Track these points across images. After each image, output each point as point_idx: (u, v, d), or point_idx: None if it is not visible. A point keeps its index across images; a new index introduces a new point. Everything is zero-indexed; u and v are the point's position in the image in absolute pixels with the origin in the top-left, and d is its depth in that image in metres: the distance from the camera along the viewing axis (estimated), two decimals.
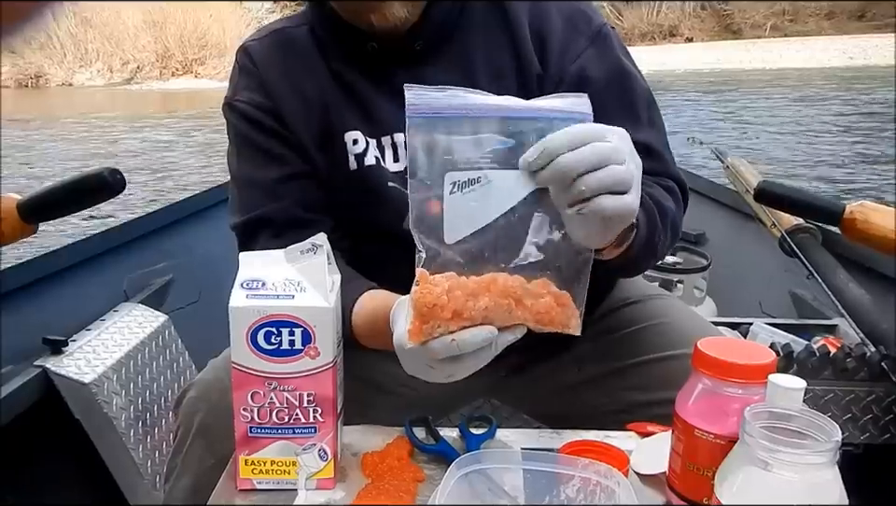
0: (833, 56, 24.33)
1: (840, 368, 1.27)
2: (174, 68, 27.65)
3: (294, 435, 0.73)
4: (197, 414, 0.89)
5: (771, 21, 33.35)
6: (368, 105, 0.95)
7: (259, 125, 0.96)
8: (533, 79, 0.94)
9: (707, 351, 0.69)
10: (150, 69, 27.62)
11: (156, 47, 27.62)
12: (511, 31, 0.95)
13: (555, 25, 0.94)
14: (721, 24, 33.81)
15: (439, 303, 0.64)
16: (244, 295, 0.71)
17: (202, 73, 27.25)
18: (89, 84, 26.70)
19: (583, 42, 0.94)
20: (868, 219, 1.16)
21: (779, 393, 0.63)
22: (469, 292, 0.64)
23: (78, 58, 27.64)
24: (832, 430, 0.58)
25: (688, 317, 1.04)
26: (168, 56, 27.58)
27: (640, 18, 32.43)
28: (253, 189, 0.96)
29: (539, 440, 0.86)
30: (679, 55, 25.74)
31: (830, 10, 33.39)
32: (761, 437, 0.58)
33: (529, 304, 0.66)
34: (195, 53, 27.65)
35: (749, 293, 2.01)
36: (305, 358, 0.71)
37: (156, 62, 27.75)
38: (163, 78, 27.05)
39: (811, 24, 32.51)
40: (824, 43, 28.08)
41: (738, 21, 33.57)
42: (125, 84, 26.48)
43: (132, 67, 27.66)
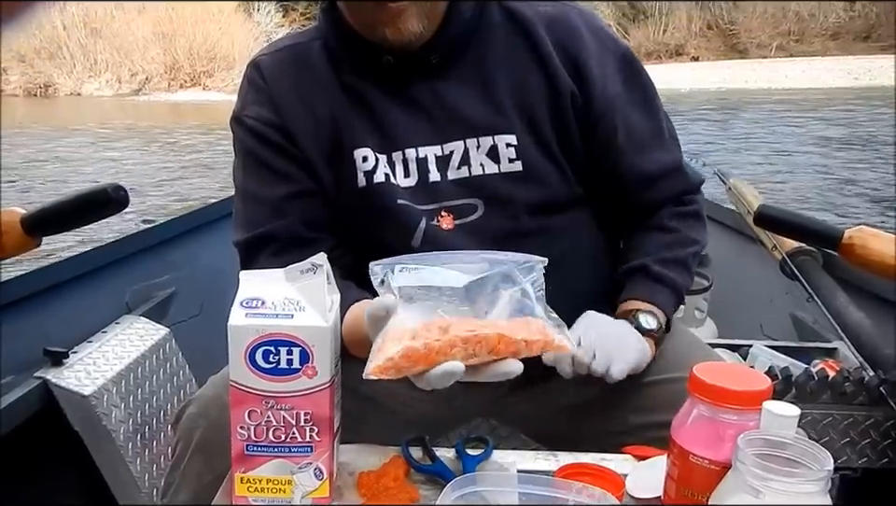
0: (838, 76, 24.40)
1: (839, 392, 1.27)
2: (182, 80, 27.82)
3: (290, 454, 0.73)
4: (196, 429, 0.90)
5: (777, 41, 33.46)
6: (380, 119, 0.96)
7: (266, 141, 0.97)
8: (565, 97, 0.96)
9: (703, 377, 0.69)
10: (159, 80, 27.80)
11: (165, 58, 27.80)
12: (534, 48, 0.96)
13: (586, 41, 0.97)
14: (727, 44, 33.93)
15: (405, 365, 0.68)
16: (243, 314, 0.72)
17: (210, 85, 27.40)
18: (97, 94, 26.85)
19: (614, 66, 0.98)
20: (866, 245, 1.17)
21: (773, 420, 0.63)
22: (437, 350, 0.68)
23: (87, 68, 27.83)
24: (824, 459, 0.58)
25: (686, 341, 1.04)
26: (177, 68, 27.76)
27: (646, 36, 32.55)
28: (257, 206, 0.97)
29: (535, 462, 0.86)
30: (684, 74, 25.82)
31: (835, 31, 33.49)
32: (753, 465, 0.58)
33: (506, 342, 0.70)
34: (204, 65, 27.84)
35: (751, 315, 2.01)
36: (303, 378, 0.71)
37: (164, 73, 27.92)
38: (171, 90, 27.22)
39: (817, 45, 32.61)
40: (830, 63, 28.15)
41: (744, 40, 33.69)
42: (133, 95, 26.63)
43: (140, 78, 27.84)
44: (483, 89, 0.95)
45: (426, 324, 0.70)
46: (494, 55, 0.96)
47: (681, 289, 1.02)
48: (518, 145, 0.94)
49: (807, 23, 33.48)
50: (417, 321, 0.70)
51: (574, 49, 0.96)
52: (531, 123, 0.95)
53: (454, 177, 0.95)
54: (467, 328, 0.69)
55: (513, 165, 0.95)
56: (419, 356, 0.68)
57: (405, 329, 0.69)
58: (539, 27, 0.96)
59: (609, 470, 0.80)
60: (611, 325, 0.94)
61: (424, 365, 0.68)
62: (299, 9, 33.90)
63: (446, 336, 0.68)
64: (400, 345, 0.68)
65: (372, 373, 0.68)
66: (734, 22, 34.03)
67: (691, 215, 1.05)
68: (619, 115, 0.98)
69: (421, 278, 0.73)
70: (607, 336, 0.90)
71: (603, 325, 0.93)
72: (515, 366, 0.70)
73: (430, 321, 0.70)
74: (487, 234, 0.94)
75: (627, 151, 1.00)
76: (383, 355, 0.68)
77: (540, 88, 0.95)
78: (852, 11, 33.22)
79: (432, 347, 0.68)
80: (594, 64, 0.96)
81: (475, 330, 0.69)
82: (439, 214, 0.95)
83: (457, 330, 0.69)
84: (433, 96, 0.96)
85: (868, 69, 24.97)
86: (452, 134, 0.95)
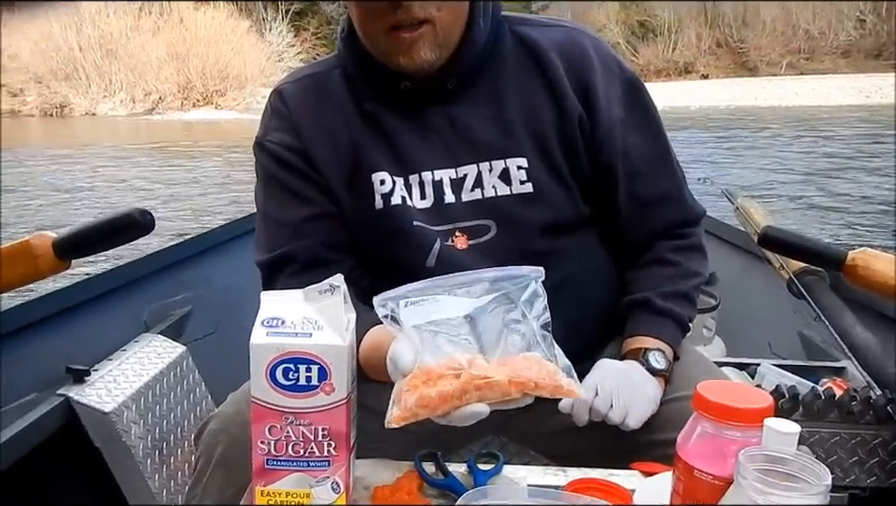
0: (848, 94, 24.36)
1: (846, 411, 1.28)
2: (194, 99, 28.12)
3: (309, 468, 0.76)
4: (218, 445, 0.92)
5: (787, 58, 33.48)
6: (398, 143, 0.99)
7: (287, 166, 1.00)
8: (573, 120, 0.99)
9: (707, 395, 0.71)
10: (172, 100, 28.11)
11: (178, 78, 28.15)
12: (545, 72, 0.99)
13: (594, 66, 1.00)
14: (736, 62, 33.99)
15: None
16: (264, 333, 0.75)
17: (222, 104, 27.66)
18: (112, 114, 27.17)
19: (619, 90, 1.01)
20: (869, 266, 1.18)
21: (774, 436, 0.65)
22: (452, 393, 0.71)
23: (102, 88, 28.20)
24: (823, 474, 0.61)
25: (693, 360, 1.06)
26: (189, 87, 28.08)
27: (656, 54, 32.69)
28: (279, 228, 1.00)
29: (544, 477, 0.88)
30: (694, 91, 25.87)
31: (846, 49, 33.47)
32: (754, 479, 0.60)
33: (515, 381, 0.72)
34: (216, 85, 28.13)
35: (759, 334, 2.02)
36: (321, 394, 0.74)
37: (177, 93, 28.25)
38: (184, 109, 27.49)
39: (827, 62, 32.60)
40: (840, 81, 28.10)
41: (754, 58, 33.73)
42: (147, 114, 26.91)
43: (154, 98, 28.18)
44: (495, 113, 0.99)
45: (439, 366, 0.73)
46: (506, 81, 1.00)
47: (686, 322, 1.05)
48: (529, 167, 0.97)
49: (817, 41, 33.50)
50: (429, 363, 0.73)
51: (584, 73, 0.99)
52: (541, 146, 0.98)
53: (467, 199, 0.98)
54: (479, 373, 0.72)
55: (524, 187, 0.98)
56: (435, 403, 0.71)
57: (420, 371, 0.73)
58: (551, 53, 0.99)
59: (617, 485, 0.82)
60: (626, 374, 0.97)
61: (442, 409, 0.71)
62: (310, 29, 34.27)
63: (459, 382, 0.71)
64: (416, 394, 0.71)
65: (394, 422, 0.72)
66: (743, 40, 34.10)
67: (690, 247, 1.08)
68: (620, 140, 1.01)
69: (427, 312, 0.76)
70: (623, 386, 0.94)
71: (619, 375, 0.96)
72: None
73: (443, 363, 0.73)
74: (500, 254, 0.96)
75: (626, 176, 1.03)
76: (403, 404, 0.72)
77: (550, 112, 0.98)
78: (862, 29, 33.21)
79: (447, 394, 0.71)
80: (601, 89, 0.99)
81: (487, 375, 0.72)
82: (453, 234, 0.98)
83: (470, 375, 0.72)
84: (448, 121, 0.99)
85: (879, 87, 24.91)
86: (465, 158, 0.99)
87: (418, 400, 0.70)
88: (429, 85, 0.97)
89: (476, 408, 0.72)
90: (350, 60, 1.02)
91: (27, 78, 27.00)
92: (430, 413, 0.71)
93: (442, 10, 0.92)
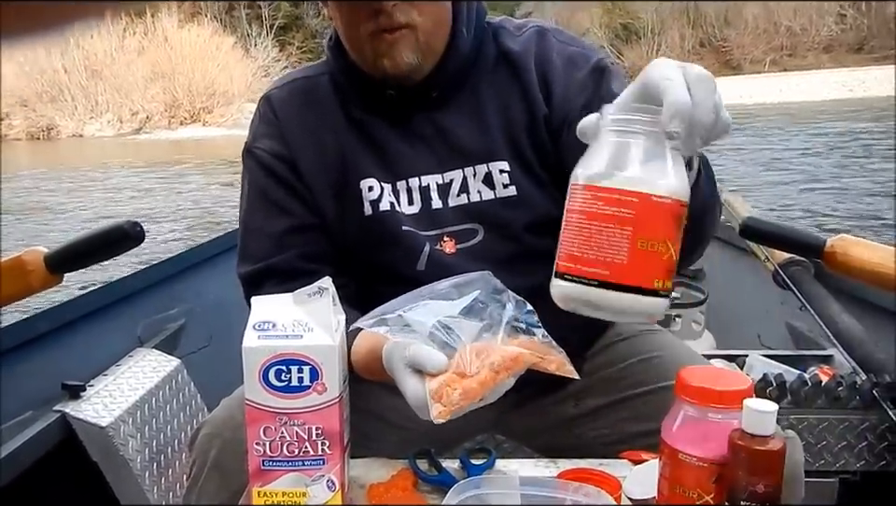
0: (832, 89, 24.59)
1: (833, 397, 1.31)
2: (182, 117, 28.13)
3: (304, 467, 0.78)
4: (211, 449, 0.94)
5: (770, 56, 33.76)
6: (385, 150, 1.01)
7: (274, 175, 1.02)
8: (541, 122, 1.00)
9: (689, 380, 0.73)
10: (159, 119, 28.12)
11: (164, 97, 28.16)
12: (519, 78, 1.01)
13: (557, 66, 1.01)
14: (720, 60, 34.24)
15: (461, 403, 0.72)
16: (256, 336, 0.76)
17: (209, 121, 27.68)
18: (99, 134, 27.14)
19: (582, 77, 1.00)
20: (847, 252, 1.21)
21: (753, 415, 0.67)
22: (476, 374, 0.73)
23: (89, 109, 28.19)
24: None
25: (679, 351, 1.08)
26: (176, 105, 28.09)
27: (640, 56, 32.85)
28: (261, 239, 1.02)
29: (535, 468, 0.90)
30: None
31: (828, 44, 33.79)
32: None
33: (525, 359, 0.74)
34: (203, 102, 28.15)
35: (748, 326, 2.05)
36: (313, 394, 0.76)
37: (164, 111, 28.27)
38: (171, 127, 27.50)
39: (810, 58, 32.90)
40: (823, 76, 28.36)
41: (737, 56, 34.00)
42: (134, 134, 26.90)
43: (141, 117, 28.18)
44: (477, 120, 1.01)
45: (461, 354, 0.74)
46: (486, 88, 1.02)
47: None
48: (510, 171, 0.99)
49: (800, 38, 33.80)
50: (448, 356, 0.74)
51: (547, 73, 1.00)
52: (518, 151, 1.00)
53: (454, 204, 1.00)
54: (501, 355, 0.74)
55: (508, 190, 1.00)
56: (476, 392, 0.72)
57: (455, 367, 0.74)
58: (524, 59, 1.01)
59: (607, 473, 0.84)
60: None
61: (481, 394, 0.73)
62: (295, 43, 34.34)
63: (490, 369, 0.73)
64: (458, 389, 0.72)
65: (441, 417, 0.72)
66: (726, 39, 34.37)
67: None
68: (575, 117, 1.00)
69: (430, 313, 0.77)
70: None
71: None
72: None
73: (464, 350, 0.74)
74: (488, 257, 0.98)
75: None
76: (448, 399, 0.72)
77: (523, 116, 1.00)
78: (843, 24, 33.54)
79: (484, 381, 0.73)
80: (559, 85, 0.99)
81: (511, 353, 0.74)
82: (441, 239, 1.00)
83: (500, 356, 0.74)
84: (434, 128, 1.01)
85: (862, 80, 25.15)
86: (451, 164, 1.00)
87: (462, 394, 0.72)
88: (414, 93, 0.99)
89: (505, 386, 0.74)
90: (337, 67, 1.04)
91: (13, 102, 26.95)
92: (471, 401, 0.73)
93: (424, 16, 0.94)
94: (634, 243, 0.64)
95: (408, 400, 0.75)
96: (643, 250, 0.64)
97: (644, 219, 0.64)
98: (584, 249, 0.66)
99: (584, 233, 0.66)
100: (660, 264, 0.65)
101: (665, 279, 0.66)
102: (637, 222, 0.64)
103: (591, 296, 0.66)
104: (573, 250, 0.67)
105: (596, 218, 0.65)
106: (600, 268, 0.65)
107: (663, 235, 0.65)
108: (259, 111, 1.06)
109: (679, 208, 0.65)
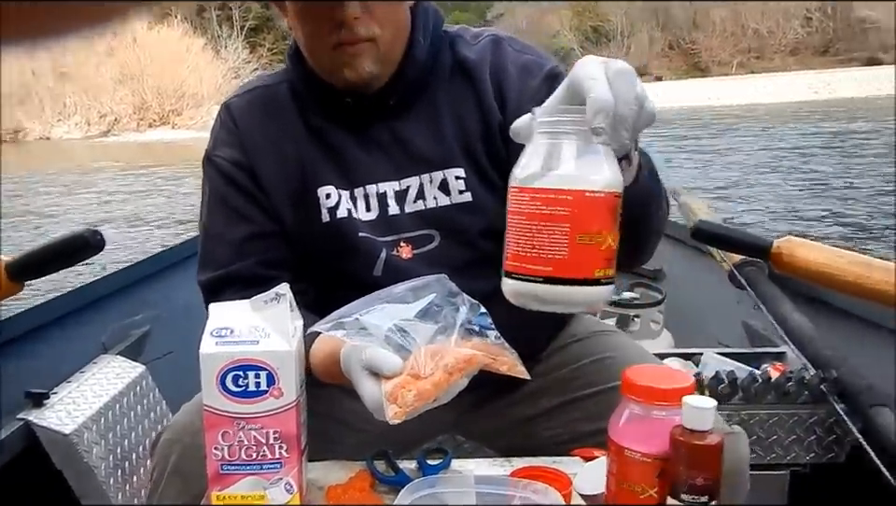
0: (799, 90, 25.05)
1: (782, 392, 1.35)
2: (150, 119, 27.79)
3: (262, 471, 0.79)
4: (172, 454, 0.95)
5: (737, 58, 34.29)
6: (343, 157, 1.02)
7: (233, 183, 1.03)
8: (496, 130, 1.02)
9: (634, 379, 0.77)
10: (128, 121, 27.75)
11: (133, 99, 27.80)
12: (474, 86, 1.03)
13: (511, 75, 1.03)
14: (689, 63, 34.71)
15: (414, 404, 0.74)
16: (213, 342, 0.78)
17: (178, 123, 27.38)
18: (67, 137, 26.71)
19: (536, 84, 1.02)
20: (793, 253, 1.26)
21: (692, 412, 0.71)
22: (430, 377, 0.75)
23: (57, 112, 27.74)
24: None
25: (630, 351, 1.11)
26: (145, 108, 27.75)
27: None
28: (221, 246, 1.03)
29: (491, 467, 0.92)
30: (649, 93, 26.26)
31: (794, 46, 34.40)
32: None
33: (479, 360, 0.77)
34: (172, 104, 27.84)
35: (706, 325, 2.10)
36: (270, 399, 0.78)
37: (133, 113, 27.90)
38: (140, 130, 27.15)
39: (777, 60, 33.47)
40: (790, 78, 28.86)
41: (706, 59, 34.48)
42: (102, 136, 26.51)
43: (109, 119, 27.79)
44: (433, 127, 1.03)
45: (415, 356, 0.76)
46: (443, 96, 1.04)
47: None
48: (466, 178, 1.02)
49: (766, 40, 34.38)
50: (403, 358, 0.76)
51: (502, 81, 1.03)
52: (473, 157, 1.02)
53: (411, 210, 1.02)
54: (455, 356, 0.76)
55: (463, 197, 1.02)
56: (430, 393, 0.74)
57: (409, 369, 0.76)
58: (480, 68, 1.04)
59: (559, 470, 0.87)
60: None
61: (435, 395, 0.75)
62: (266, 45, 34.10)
63: (444, 370, 0.75)
64: (413, 391, 0.74)
65: (396, 418, 0.74)
66: (694, 42, 34.83)
67: None
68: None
69: (387, 316, 0.79)
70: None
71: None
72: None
73: (422, 358, 0.76)
74: (444, 263, 1.00)
75: None
76: (402, 400, 0.74)
77: (477, 124, 1.02)
78: (809, 27, 34.18)
79: (439, 382, 0.75)
80: (513, 93, 1.02)
81: (465, 355, 0.76)
82: (398, 245, 1.02)
83: (454, 358, 0.76)
84: (391, 135, 1.03)
85: (828, 82, 25.65)
86: (408, 171, 1.03)
87: (416, 396, 0.74)
88: (372, 101, 1.01)
89: (459, 385, 0.76)
90: (296, 76, 1.05)
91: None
92: (426, 402, 0.74)
93: (385, 28, 0.96)
94: (573, 238, 0.67)
95: (365, 402, 0.77)
96: (582, 244, 0.68)
97: (580, 215, 0.67)
98: (528, 248, 0.69)
99: (526, 233, 0.69)
100: (599, 255, 0.69)
101: (605, 268, 0.69)
102: (573, 219, 0.67)
103: (538, 292, 0.69)
104: (518, 250, 0.70)
105: (536, 218, 0.68)
106: (544, 265, 0.68)
107: (599, 228, 0.68)
108: (220, 119, 1.07)
109: (613, 200, 0.69)
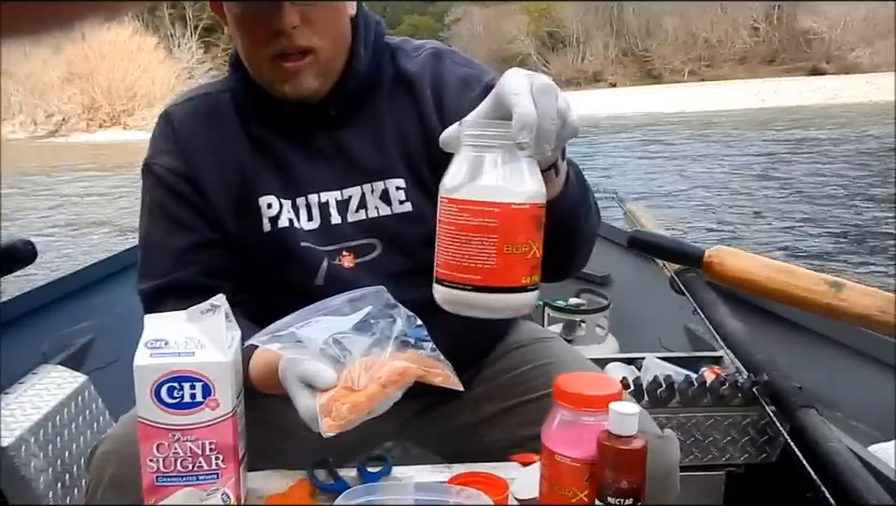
0: (747, 98, 25.75)
1: (717, 395, 1.40)
2: (101, 120, 27.13)
3: (198, 482, 0.79)
4: (108, 466, 0.94)
5: (689, 66, 35.08)
6: (285, 167, 1.03)
7: (172, 191, 1.02)
8: (435, 141, 1.04)
9: (564, 386, 0.79)
10: (77, 121, 27.04)
11: (82, 98, 27.11)
12: (414, 98, 1.05)
13: (451, 87, 1.05)
14: (642, 70, 35.39)
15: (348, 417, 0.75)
16: (147, 354, 0.78)
17: (130, 124, 26.79)
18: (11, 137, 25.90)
19: (475, 97, 1.03)
20: (723, 262, 1.31)
21: (617, 417, 0.73)
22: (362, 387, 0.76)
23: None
24: None
25: (568, 358, 1.14)
26: (95, 108, 27.07)
27: (566, 64, 33.62)
28: (161, 256, 1.03)
29: (431, 474, 0.94)
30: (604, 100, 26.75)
31: (743, 56, 35.36)
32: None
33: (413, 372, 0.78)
34: (123, 104, 27.23)
35: (650, 330, 2.15)
36: (206, 410, 0.78)
37: (82, 113, 27.20)
38: (90, 130, 26.47)
39: (726, 69, 34.35)
40: (738, 86, 29.65)
41: (659, 66, 35.19)
42: (49, 137, 25.78)
43: (57, 119, 27.05)
44: (374, 137, 1.04)
45: (349, 369, 0.77)
46: (384, 107, 1.05)
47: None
48: (406, 188, 1.03)
49: (716, 49, 35.27)
50: (346, 374, 0.78)
51: (441, 94, 1.05)
52: (412, 167, 1.04)
53: (352, 220, 1.03)
54: (389, 369, 0.77)
55: (404, 207, 1.04)
56: (364, 406, 0.76)
57: (343, 382, 0.77)
58: (419, 80, 1.05)
59: (497, 476, 0.89)
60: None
61: (369, 408, 0.76)
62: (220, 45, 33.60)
63: (378, 383, 0.76)
64: (347, 403, 0.75)
65: (330, 431, 0.75)
66: (648, 50, 35.53)
67: None
68: None
69: (323, 330, 0.80)
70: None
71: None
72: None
73: (353, 365, 0.78)
74: (386, 272, 1.01)
75: None
76: (336, 413, 0.75)
77: (418, 135, 1.04)
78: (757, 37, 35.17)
79: (372, 394, 0.76)
80: (452, 105, 1.03)
81: (399, 369, 0.77)
82: (340, 254, 1.03)
83: (379, 371, 0.77)
84: (333, 145, 1.04)
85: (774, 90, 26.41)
86: (350, 180, 1.04)
87: (350, 408, 0.75)
88: (313, 111, 1.02)
89: (393, 398, 0.77)
90: (238, 85, 1.05)
91: None
92: (360, 414, 0.75)
93: (324, 39, 0.97)
94: (500, 249, 0.70)
95: (300, 415, 0.78)
96: (509, 254, 0.70)
97: (507, 227, 0.69)
98: (458, 257, 0.71)
99: (455, 243, 0.71)
100: (525, 263, 0.71)
101: (531, 275, 0.72)
102: (500, 230, 0.69)
103: (468, 299, 0.72)
104: (448, 259, 0.72)
105: (465, 229, 0.71)
106: (474, 274, 0.71)
107: (525, 238, 0.71)
108: (159, 127, 1.06)
109: (538, 210, 0.72)
